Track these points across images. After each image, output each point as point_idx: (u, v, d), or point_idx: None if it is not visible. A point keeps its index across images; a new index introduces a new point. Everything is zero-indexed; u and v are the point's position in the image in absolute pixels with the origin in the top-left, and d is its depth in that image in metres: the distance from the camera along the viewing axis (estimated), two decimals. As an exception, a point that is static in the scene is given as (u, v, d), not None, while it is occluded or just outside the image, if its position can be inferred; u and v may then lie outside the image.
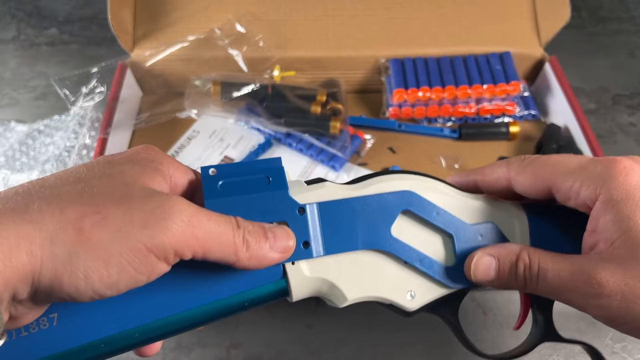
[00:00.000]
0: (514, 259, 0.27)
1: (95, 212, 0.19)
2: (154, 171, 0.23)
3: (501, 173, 0.29)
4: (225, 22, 0.66)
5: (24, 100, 0.74)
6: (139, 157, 0.24)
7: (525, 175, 0.27)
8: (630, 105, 0.73)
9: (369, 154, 0.62)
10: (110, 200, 0.20)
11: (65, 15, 0.88)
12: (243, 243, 0.23)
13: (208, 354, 0.49)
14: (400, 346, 0.49)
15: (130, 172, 0.22)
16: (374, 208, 0.27)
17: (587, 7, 0.89)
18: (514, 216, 0.29)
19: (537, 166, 0.27)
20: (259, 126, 0.62)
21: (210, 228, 0.22)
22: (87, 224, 0.19)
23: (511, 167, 0.28)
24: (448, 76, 0.63)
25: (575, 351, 0.50)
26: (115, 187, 0.21)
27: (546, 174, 0.27)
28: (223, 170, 0.26)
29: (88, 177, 0.21)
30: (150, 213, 0.20)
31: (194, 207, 0.22)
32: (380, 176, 0.28)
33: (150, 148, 0.25)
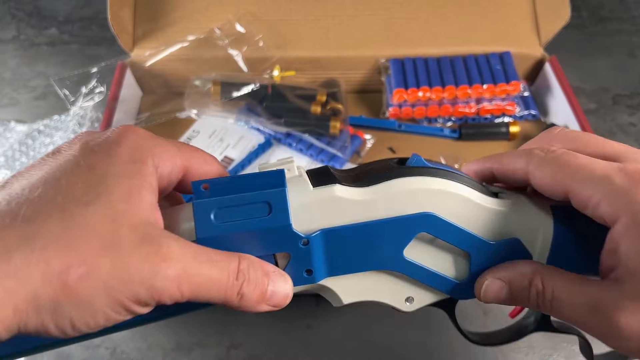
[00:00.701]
0: (526, 284, 0.25)
1: (80, 264, 0.18)
2: (139, 184, 0.21)
3: (519, 165, 0.26)
4: (225, 22, 0.66)
5: (24, 100, 0.73)
6: (122, 158, 0.21)
7: (543, 174, 0.25)
8: (630, 105, 0.73)
9: (369, 154, 0.62)
10: (97, 247, 0.19)
11: (65, 15, 0.88)
12: (237, 295, 0.22)
13: (208, 354, 0.49)
14: (401, 346, 0.49)
15: (116, 194, 0.20)
16: (387, 232, 0.25)
17: (587, 7, 0.89)
18: (540, 225, 0.26)
19: (559, 166, 0.24)
20: (259, 126, 0.62)
21: (203, 277, 0.21)
22: (73, 277, 0.18)
23: (531, 161, 0.25)
24: (448, 76, 0.63)
25: (576, 351, 0.50)
26: (103, 225, 0.19)
27: (566, 177, 0.24)
28: (217, 188, 0.23)
29: (69, 198, 0.19)
30: (137, 269, 0.19)
31: (188, 254, 0.21)
32: (398, 179, 0.25)
33: (131, 138, 0.22)
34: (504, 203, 0.26)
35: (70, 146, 0.22)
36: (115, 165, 0.21)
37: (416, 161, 0.26)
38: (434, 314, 0.52)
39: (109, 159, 0.21)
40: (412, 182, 0.24)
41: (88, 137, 0.22)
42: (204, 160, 0.25)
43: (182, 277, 0.20)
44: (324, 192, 0.24)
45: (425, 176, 0.25)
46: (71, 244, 0.18)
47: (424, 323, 0.51)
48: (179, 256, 0.20)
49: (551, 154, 0.25)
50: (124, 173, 0.21)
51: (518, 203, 0.26)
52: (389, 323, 0.51)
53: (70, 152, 0.21)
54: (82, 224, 0.19)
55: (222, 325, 0.50)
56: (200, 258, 0.21)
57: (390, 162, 0.26)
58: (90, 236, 0.19)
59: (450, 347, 0.50)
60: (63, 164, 0.21)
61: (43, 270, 0.18)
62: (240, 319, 0.51)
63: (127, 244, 0.19)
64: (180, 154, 0.24)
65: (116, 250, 0.19)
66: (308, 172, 0.25)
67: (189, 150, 0.25)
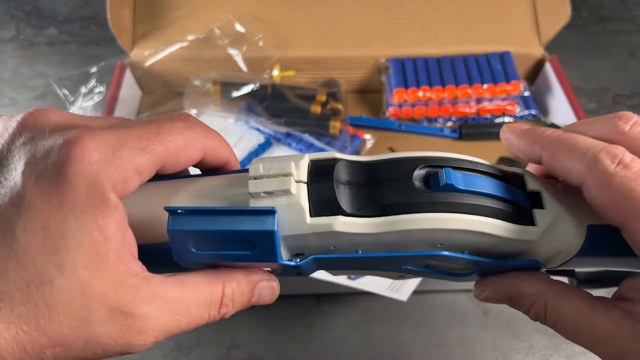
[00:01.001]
0: (527, 305, 0.23)
1: (54, 345, 0.18)
2: (104, 237, 0.18)
3: (576, 170, 0.21)
4: (225, 21, 0.66)
5: (24, 100, 0.73)
6: (77, 204, 0.18)
7: (603, 195, 0.20)
8: (630, 105, 0.73)
9: (369, 153, 0.62)
10: (67, 329, 0.18)
11: (65, 15, 0.88)
12: (218, 316, 0.22)
13: (208, 354, 0.48)
14: (401, 346, 0.49)
15: (80, 261, 0.18)
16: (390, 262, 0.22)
17: (588, 7, 0.88)
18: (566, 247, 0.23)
19: (624, 192, 0.20)
20: (259, 126, 0.62)
21: (182, 327, 0.21)
22: (49, 356, 0.18)
23: (592, 173, 0.20)
24: (448, 76, 0.63)
25: (576, 351, 0.50)
26: (71, 303, 0.18)
27: (627, 208, 0.20)
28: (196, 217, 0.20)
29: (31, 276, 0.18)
30: (111, 345, 0.19)
31: (164, 315, 0.20)
32: (415, 214, 0.21)
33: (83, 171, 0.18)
34: (531, 231, 0.22)
35: (13, 158, 0.19)
36: (72, 215, 0.18)
37: (444, 186, 0.21)
38: (434, 314, 0.52)
39: (62, 209, 0.18)
40: (429, 221, 0.21)
41: (32, 150, 0.19)
42: (180, 150, 0.21)
43: (158, 338, 0.20)
44: (322, 225, 0.21)
45: (447, 212, 0.21)
46: (42, 328, 0.18)
47: (424, 323, 0.51)
48: (153, 323, 0.20)
49: (622, 173, 0.20)
50: (83, 227, 0.18)
51: (552, 227, 0.22)
52: (389, 323, 0.51)
53: (14, 180, 0.19)
54: (51, 305, 0.18)
55: (222, 326, 0.50)
56: (177, 312, 0.20)
57: (412, 184, 0.21)
58: (60, 317, 0.18)
59: (450, 347, 0.50)
60: (8, 206, 0.18)
61: (20, 356, 0.18)
62: (240, 319, 0.51)
63: (98, 323, 0.18)
64: (149, 158, 0.20)
65: (88, 330, 0.18)
66: (311, 171, 0.22)
67: (160, 145, 0.21)
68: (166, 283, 0.20)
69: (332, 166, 0.22)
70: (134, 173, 0.20)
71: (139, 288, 0.19)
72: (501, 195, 0.22)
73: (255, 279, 0.23)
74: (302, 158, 0.22)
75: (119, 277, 0.19)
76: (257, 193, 0.21)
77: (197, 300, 0.21)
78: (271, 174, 0.21)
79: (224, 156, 0.25)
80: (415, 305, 0.51)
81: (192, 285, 0.21)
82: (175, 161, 0.21)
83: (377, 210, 0.21)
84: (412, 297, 0.48)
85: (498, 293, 0.24)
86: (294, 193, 0.21)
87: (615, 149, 0.20)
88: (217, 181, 0.24)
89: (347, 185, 0.22)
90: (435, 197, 0.21)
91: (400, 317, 0.51)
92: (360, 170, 0.22)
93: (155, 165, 0.21)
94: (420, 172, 0.22)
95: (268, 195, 0.21)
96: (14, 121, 0.20)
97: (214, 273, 0.22)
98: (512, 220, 0.22)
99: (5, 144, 0.20)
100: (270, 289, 0.23)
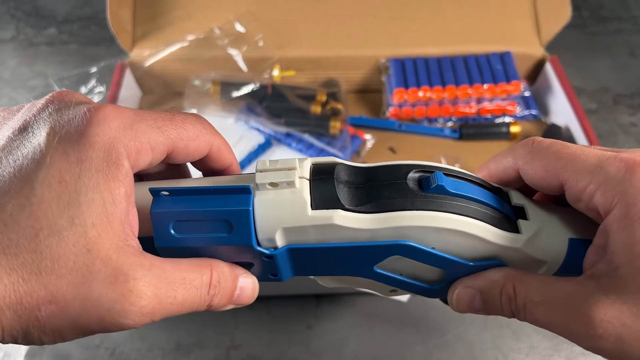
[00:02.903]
0: (497, 291, 0.23)
1: (50, 302, 0.18)
2: (114, 199, 0.19)
3: (508, 164, 0.24)
4: (225, 21, 0.66)
5: (23, 100, 0.73)
6: (94, 163, 0.19)
7: (534, 167, 0.23)
8: (631, 105, 0.73)
9: (369, 154, 0.62)
10: (68, 284, 0.18)
11: (64, 15, 0.88)
12: (207, 306, 0.22)
13: (208, 354, 0.48)
14: (401, 347, 0.49)
15: (90, 218, 0.19)
16: (359, 253, 0.23)
17: (588, 7, 0.88)
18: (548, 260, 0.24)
19: (548, 157, 0.23)
20: (259, 126, 0.62)
21: (176, 303, 0.21)
22: (43, 314, 0.18)
23: (518, 156, 0.24)
24: (448, 76, 0.63)
25: (577, 352, 0.50)
26: (76, 258, 0.18)
27: (558, 168, 0.22)
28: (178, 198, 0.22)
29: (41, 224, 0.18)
30: (108, 310, 0.19)
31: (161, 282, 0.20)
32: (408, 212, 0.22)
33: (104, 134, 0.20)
34: (516, 238, 0.23)
35: (39, 125, 0.20)
36: (87, 173, 0.19)
37: (436, 187, 0.22)
38: (434, 314, 0.52)
39: (80, 165, 0.19)
40: (422, 218, 0.22)
41: (59, 117, 0.20)
42: (190, 138, 0.23)
43: (155, 309, 0.20)
44: (322, 217, 0.22)
45: (438, 212, 0.22)
46: (42, 280, 0.18)
47: (424, 323, 0.51)
48: (151, 291, 0.20)
49: (537, 145, 0.23)
50: (96, 185, 0.19)
51: (536, 237, 0.23)
52: (389, 323, 0.50)
53: (36, 141, 0.20)
54: (55, 257, 0.18)
55: (221, 326, 0.50)
56: (173, 284, 0.21)
57: (407, 183, 0.23)
58: (62, 271, 0.18)
59: (450, 347, 0.50)
60: (30, 163, 0.19)
61: (15, 308, 0.18)
62: (240, 320, 0.51)
63: (98, 281, 0.19)
64: (162, 137, 0.22)
65: (87, 289, 0.19)
66: (313, 171, 0.23)
67: (174, 129, 0.22)
68: (161, 258, 0.21)
69: (333, 168, 0.23)
70: (147, 147, 0.21)
71: (137, 256, 0.20)
72: (489, 202, 0.23)
73: (237, 272, 0.24)
74: (305, 160, 0.23)
75: (121, 242, 0.20)
76: (263, 184, 0.21)
77: (190, 277, 0.21)
78: (277, 168, 0.22)
79: (227, 158, 0.25)
80: (415, 305, 0.51)
81: (183, 265, 0.22)
82: (184, 147, 0.23)
83: (373, 207, 0.22)
84: (412, 298, 0.48)
85: (467, 287, 0.24)
86: (297, 187, 0.22)
87: (528, 138, 0.24)
88: (223, 180, 0.24)
89: (346, 185, 0.23)
90: (428, 197, 0.22)
91: (400, 317, 0.51)
92: (359, 173, 0.24)
93: (167, 146, 0.22)
94: (414, 175, 0.23)
95: (273, 187, 0.22)
96: (42, 99, 0.22)
97: (201, 259, 0.23)
98: (499, 226, 0.23)
99: (32, 115, 0.21)
100: (252, 284, 0.24)
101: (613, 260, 0.20)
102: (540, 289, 0.22)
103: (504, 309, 0.24)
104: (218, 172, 0.26)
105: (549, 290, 0.22)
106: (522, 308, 0.23)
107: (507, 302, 0.23)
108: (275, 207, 0.22)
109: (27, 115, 0.21)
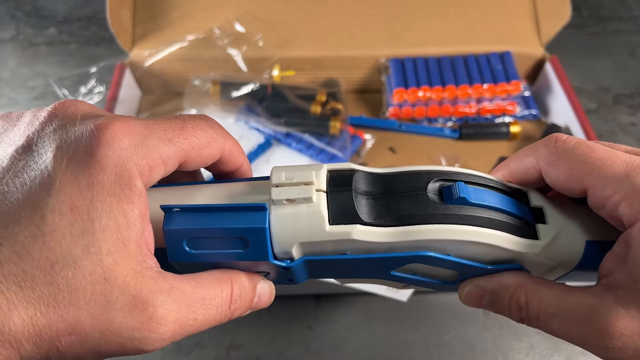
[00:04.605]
0: (507, 297, 0.23)
1: (70, 333, 0.18)
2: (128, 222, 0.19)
3: (530, 165, 0.23)
4: (225, 21, 0.66)
5: (23, 101, 0.73)
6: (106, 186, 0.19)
7: (558, 169, 0.22)
8: (631, 105, 0.73)
9: (369, 154, 0.62)
10: (86, 315, 0.18)
11: (64, 15, 0.88)
12: (227, 320, 0.22)
13: (208, 355, 0.48)
14: (401, 347, 0.49)
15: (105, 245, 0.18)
16: (378, 263, 0.23)
17: (588, 7, 0.88)
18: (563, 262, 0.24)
19: (573, 161, 0.22)
20: (259, 126, 0.62)
21: (198, 324, 0.20)
22: (63, 344, 0.18)
23: (541, 157, 0.23)
24: (448, 76, 0.63)
25: (577, 352, 0.50)
26: (93, 288, 0.18)
27: (583, 173, 0.21)
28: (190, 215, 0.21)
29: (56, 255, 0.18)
30: (128, 337, 0.19)
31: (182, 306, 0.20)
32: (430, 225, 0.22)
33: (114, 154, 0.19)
34: (534, 245, 0.23)
35: (44, 143, 0.19)
36: (100, 197, 0.18)
37: (457, 199, 0.22)
38: (434, 314, 0.52)
39: (91, 191, 0.18)
40: (443, 232, 0.22)
41: (64, 135, 0.20)
42: (202, 146, 0.22)
43: (176, 333, 0.20)
44: (340, 233, 0.21)
45: (460, 225, 0.22)
46: (61, 312, 0.18)
47: (424, 323, 0.51)
48: (172, 316, 0.19)
49: (562, 144, 0.22)
50: (109, 210, 0.19)
51: (554, 242, 0.23)
52: (389, 323, 0.50)
53: (43, 163, 0.19)
54: (73, 288, 0.18)
55: (221, 326, 0.50)
56: (194, 305, 0.20)
57: (427, 196, 0.22)
58: (80, 302, 0.18)
59: (450, 347, 0.50)
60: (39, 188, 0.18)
61: (34, 341, 0.18)
62: (240, 320, 0.51)
63: (117, 310, 0.18)
64: (174, 149, 0.21)
65: (106, 318, 0.18)
66: (330, 181, 0.22)
67: (185, 139, 0.21)
68: (180, 278, 0.20)
69: (350, 177, 0.22)
70: (159, 162, 0.20)
71: (156, 279, 0.19)
72: (508, 209, 0.23)
73: (256, 280, 0.23)
74: (321, 168, 0.22)
75: (138, 266, 0.19)
76: (280, 200, 0.21)
77: (211, 295, 0.21)
78: (293, 182, 0.21)
79: (239, 159, 0.25)
80: (415, 305, 0.51)
81: (203, 282, 0.21)
82: (197, 156, 0.22)
83: (393, 221, 0.22)
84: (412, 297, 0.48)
85: (478, 286, 0.24)
86: (314, 201, 0.21)
87: (551, 135, 0.23)
88: (237, 187, 0.24)
89: (364, 196, 0.22)
90: (449, 210, 0.22)
91: (400, 317, 0.51)
92: (377, 181, 0.23)
93: (179, 157, 0.21)
94: (434, 185, 0.23)
95: (289, 202, 0.21)
96: (44, 111, 0.21)
97: (221, 272, 0.22)
98: (517, 234, 0.23)
99: (36, 131, 0.20)
100: (269, 289, 0.24)
101: (632, 273, 0.20)
102: (556, 301, 0.22)
103: (512, 314, 0.23)
104: (229, 173, 0.26)
105: (565, 302, 0.22)
106: (535, 318, 0.22)
107: (516, 309, 0.23)
108: (292, 223, 0.21)
109: (30, 131, 0.20)
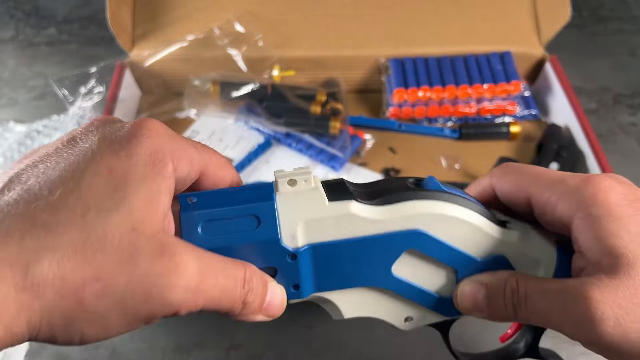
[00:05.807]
0: (502, 284, 0.25)
1: (96, 279, 0.18)
2: (158, 189, 0.21)
3: (485, 183, 0.28)
4: (225, 21, 0.66)
5: (23, 101, 0.73)
6: (142, 159, 0.21)
7: (505, 183, 0.27)
8: (631, 105, 0.73)
9: (369, 154, 0.62)
10: (114, 261, 0.19)
11: (64, 15, 0.88)
12: (242, 304, 0.22)
13: (208, 355, 0.48)
14: (401, 347, 0.49)
15: (136, 202, 0.20)
16: (377, 249, 0.25)
17: (588, 7, 0.88)
18: (542, 258, 0.26)
19: (518, 174, 0.26)
20: (259, 126, 0.62)
21: (218, 289, 0.21)
22: (88, 294, 0.18)
23: (493, 175, 0.28)
24: (448, 76, 0.63)
25: (577, 352, 0.50)
26: (122, 236, 0.19)
27: (525, 183, 0.26)
28: (204, 201, 0.23)
29: (89, 205, 0.19)
30: (155, 284, 0.19)
31: (203, 264, 0.21)
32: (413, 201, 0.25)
33: (152, 138, 0.21)
34: (509, 233, 0.26)
35: (87, 136, 0.22)
36: (136, 167, 0.20)
37: (432, 184, 0.26)
38: (434, 314, 0.52)
39: (129, 160, 0.20)
40: (426, 206, 0.25)
41: (106, 129, 0.22)
42: (220, 165, 0.25)
43: (199, 288, 0.20)
44: (339, 208, 0.24)
45: (439, 201, 0.25)
46: (88, 257, 0.18)
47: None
48: (195, 267, 0.20)
49: (510, 166, 0.27)
50: (144, 177, 0.20)
51: (522, 234, 0.26)
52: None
53: (87, 145, 0.21)
54: (102, 235, 0.19)
55: (221, 326, 0.50)
56: (214, 268, 0.21)
57: (407, 183, 0.26)
58: (108, 249, 0.19)
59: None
60: (81, 160, 0.20)
61: (59, 286, 0.18)
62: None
63: (145, 257, 0.19)
64: (198, 156, 0.23)
65: (133, 264, 0.19)
66: (324, 183, 0.25)
67: (207, 153, 0.24)
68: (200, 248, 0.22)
69: (342, 179, 0.26)
70: (187, 159, 0.23)
71: (180, 240, 0.21)
72: (481, 205, 0.26)
73: (267, 277, 0.24)
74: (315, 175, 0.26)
75: (163, 223, 0.21)
76: (283, 182, 0.24)
77: (228, 267, 0.22)
78: (292, 172, 0.24)
79: None
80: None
81: (220, 258, 0.22)
82: (214, 172, 0.24)
83: (384, 201, 0.25)
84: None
85: (474, 281, 0.26)
86: (313, 185, 0.24)
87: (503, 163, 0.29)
88: None
89: (355, 190, 0.26)
90: (429, 192, 0.25)
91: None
92: (364, 185, 0.27)
93: (201, 165, 0.24)
94: (411, 180, 0.27)
95: (291, 185, 0.24)
96: (84, 120, 0.24)
97: (234, 259, 0.23)
98: (494, 222, 0.26)
99: (79, 131, 0.22)
100: (280, 294, 0.25)
101: (591, 259, 0.23)
102: (542, 282, 0.25)
103: (506, 303, 0.25)
104: None
105: (548, 283, 0.24)
106: (523, 298, 0.24)
107: (510, 294, 0.25)
108: (295, 200, 0.24)
109: (75, 132, 0.22)
